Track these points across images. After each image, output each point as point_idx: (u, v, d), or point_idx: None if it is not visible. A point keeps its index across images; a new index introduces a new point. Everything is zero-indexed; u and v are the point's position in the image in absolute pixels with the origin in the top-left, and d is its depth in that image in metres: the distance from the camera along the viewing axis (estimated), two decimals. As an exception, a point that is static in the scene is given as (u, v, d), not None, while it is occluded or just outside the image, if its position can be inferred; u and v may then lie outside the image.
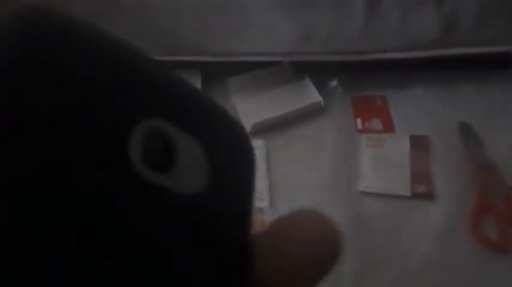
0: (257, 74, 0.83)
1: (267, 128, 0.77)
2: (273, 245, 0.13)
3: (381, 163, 0.73)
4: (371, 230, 0.67)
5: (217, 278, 0.12)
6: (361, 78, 0.84)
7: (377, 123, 0.79)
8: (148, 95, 0.12)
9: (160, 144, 0.12)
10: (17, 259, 0.10)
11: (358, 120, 0.79)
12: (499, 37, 0.78)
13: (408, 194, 0.70)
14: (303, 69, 0.83)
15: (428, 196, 0.70)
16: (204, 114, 0.14)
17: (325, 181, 0.72)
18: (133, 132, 0.11)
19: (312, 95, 0.81)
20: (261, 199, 0.69)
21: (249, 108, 0.79)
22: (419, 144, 0.75)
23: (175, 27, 0.77)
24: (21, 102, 0.10)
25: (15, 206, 0.10)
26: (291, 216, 0.14)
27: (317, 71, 0.83)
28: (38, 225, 0.10)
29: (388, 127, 0.79)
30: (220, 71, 0.82)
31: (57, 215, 0.10)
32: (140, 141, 0.11)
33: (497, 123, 0.77)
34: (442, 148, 0.74)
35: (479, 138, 0.74)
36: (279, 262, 0.13)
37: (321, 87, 0.81)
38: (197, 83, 0.83)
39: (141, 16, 0.77)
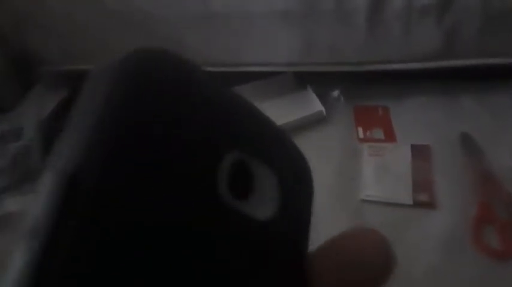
0: (259, 84, 0.84)
1: (269, 137, 0.78)
2: (330, 256, 0.14)
3: (382, 172, 0.73)
4: (373, 238, 0.67)
5: None
6: (363, 88, 0.85)
7: (378, 133, 0.79)
8: (229, 130, 0.13)
9: (241, 174, 0.13)
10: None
11: (360, 130, 0.80)
12: (500, 49, 0.79)
13: (410, 202, 0.70)
14: (305, 80, 0.84)
15: (430, 205, 0.70)
16: (276, 144, 0.15)
17: (326, 190, 0.72)
18: (220, 167, 0.12)
19: (314, 104, 0.81)
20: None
21: (252, 117, 0.80)
22: (420, 153, 0.75)
23: (180, 37, 0.79)
24: (129, 149, 0.11)
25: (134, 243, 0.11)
26: (349, 232, 0.15)
27: (319, 81, 0.84)
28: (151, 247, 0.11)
29: (390, 136, 0.79)
30: (223, 81, 0.83)
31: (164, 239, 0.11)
32: (225, 174, 0.12)
33: (499, 134, 0.77)
34: (444, 158, 0.75)
35: (481, 148, 0.74)
36: (336, 272, 0.14)
37: (323, 97, 0.82)
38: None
39: (147, 27, 0.79)
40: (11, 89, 0.87)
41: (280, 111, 0.80)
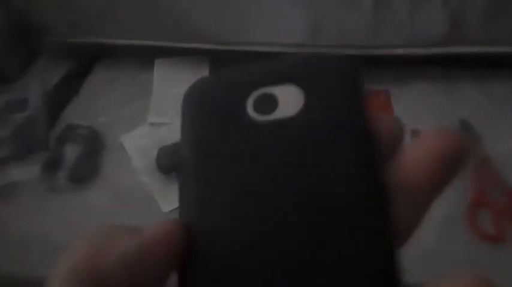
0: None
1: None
2: None
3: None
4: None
5: None
6: (366, 72, 0.85)
7: (379, 117, 0.80)
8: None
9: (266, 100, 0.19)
10: None
11: (361, 113, 0.81)
12: (505, 36, 0.79)
13: (408, 186, 0.71)
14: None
15: (428, 189, 0.71)
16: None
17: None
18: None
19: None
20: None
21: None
22: (420, 138, 0.76)
23: (188, 15, 0.78)
24: None
25: None
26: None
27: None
28: None
29: (391, 121, 0.80)
30: (229, 60, 0.84)
31: None
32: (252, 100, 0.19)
33: (497, 121, 0.78)
34: (443, 143, 0.76)
35: (479, 135, 0.76)
36: None
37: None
38: (205, 70, 0.85)
39: (155, 2, 0.78)
40: (15, 59, 0.86)
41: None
